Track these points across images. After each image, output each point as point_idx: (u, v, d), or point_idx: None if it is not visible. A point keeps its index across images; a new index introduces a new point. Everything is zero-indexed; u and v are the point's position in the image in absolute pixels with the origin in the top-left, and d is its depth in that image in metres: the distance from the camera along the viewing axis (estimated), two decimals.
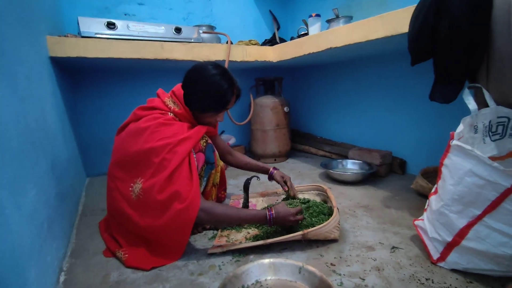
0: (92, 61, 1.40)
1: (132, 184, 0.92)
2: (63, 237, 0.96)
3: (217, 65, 1.01)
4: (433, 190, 0.87)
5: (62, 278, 0.84)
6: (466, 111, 0.80)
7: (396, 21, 1.02)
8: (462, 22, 0.72)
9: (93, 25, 1.34)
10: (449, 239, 0.76)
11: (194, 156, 0.97)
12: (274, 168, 1.23)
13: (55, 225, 0.87)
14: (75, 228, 1.15)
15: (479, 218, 0.69)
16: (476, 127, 0.79)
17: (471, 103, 0.79)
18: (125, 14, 1.85)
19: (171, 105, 1.02)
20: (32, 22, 1.01)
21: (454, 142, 0.73)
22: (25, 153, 0.70)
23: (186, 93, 1.01)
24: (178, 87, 1.04)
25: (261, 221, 0.95)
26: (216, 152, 1.17)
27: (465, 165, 0.70)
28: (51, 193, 0.88)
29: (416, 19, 0.83)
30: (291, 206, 1.03)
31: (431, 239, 0.83)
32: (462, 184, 0.71)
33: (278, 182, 1.20)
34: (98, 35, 1.34)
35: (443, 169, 0.78)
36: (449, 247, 0.77)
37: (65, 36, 1.28)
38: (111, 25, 1.37)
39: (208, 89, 0.98)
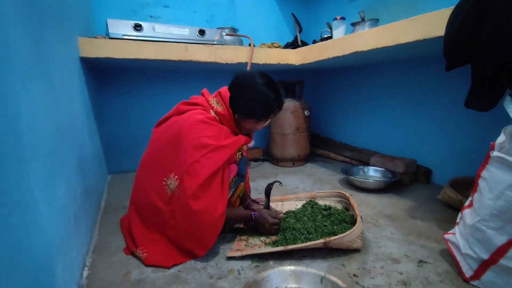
0: (119, 61, 1.44)
1: (165, 178, 0.94)
2: (87, 233, 0.99)
3: (263, 74, 1.02)
4: (467, 203, 0.82)
5: (85, 274, 0.86)
6: (500, 119, 0.75)
7: (429, 24, 0.97)
8: (507, 29, 0.67)
9: (121, 27, 1.38)
10: (486, 256, 0.70)
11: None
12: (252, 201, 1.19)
13: (81, 221, 0.90)
14: (98, 224, 1.18)
15: None
16: None
17: None
18: (151, 17, 1.89)
19: (214, 104, 1.02)
20: (66, 24, 1.05)
21: (495, 153, 0.68)
22: (56, 151, 0.72)
23: (233, 96, 1.01)
24: (224, 89, 1.04)
25: (246, 220, 1.04)
26: (248, 165, 1.17)
27: (507, 178, 0.65)
28: (77, 190, 0.91)
29: (454, 22, 0.78)
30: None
31: (464, 255, 0.78)
32: (502, 199, 0.66)
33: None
34: (125, 37, 1.38)
35: (480, 182, 0.73)
36: (485, 265, 0.72)
37: (95, 37, 1.33)
38: (137, 27, 1.40)
39: (256, 96, 0.99)
